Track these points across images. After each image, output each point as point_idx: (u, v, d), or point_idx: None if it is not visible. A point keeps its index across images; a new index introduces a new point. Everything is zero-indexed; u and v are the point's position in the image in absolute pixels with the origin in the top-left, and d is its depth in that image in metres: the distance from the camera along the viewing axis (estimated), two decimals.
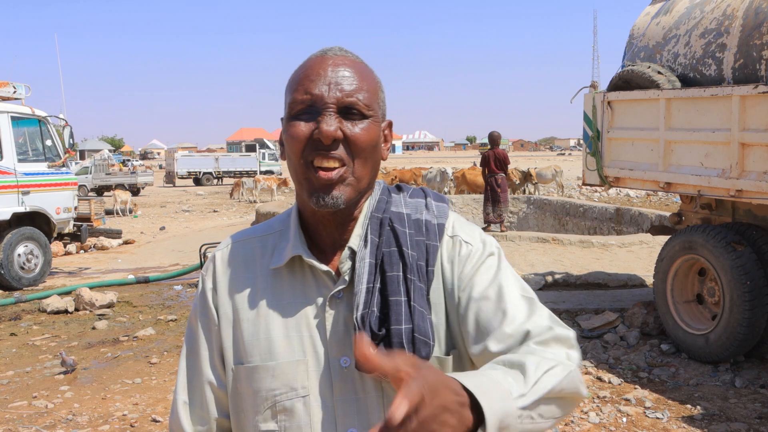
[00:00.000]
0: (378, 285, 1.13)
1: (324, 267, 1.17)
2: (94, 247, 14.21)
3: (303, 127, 1.14)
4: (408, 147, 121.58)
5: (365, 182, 1.18)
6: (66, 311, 8.33)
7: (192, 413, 1.25)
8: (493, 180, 12.24)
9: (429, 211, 1.22)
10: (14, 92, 10.48)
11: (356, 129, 1.14)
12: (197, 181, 38.69)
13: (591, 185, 7.32)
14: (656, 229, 7.38)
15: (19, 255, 9.97)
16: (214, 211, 22.93)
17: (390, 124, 1.25)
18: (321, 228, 1.21)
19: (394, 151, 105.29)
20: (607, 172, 6.75)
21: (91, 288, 9.21)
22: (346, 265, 1.17)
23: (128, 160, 54.84)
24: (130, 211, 22.30)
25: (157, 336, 7.21)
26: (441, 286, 1.17)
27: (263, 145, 50.16)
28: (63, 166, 10.81)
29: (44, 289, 9.93)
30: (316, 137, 1.12)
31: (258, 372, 1.17)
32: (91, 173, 30.98)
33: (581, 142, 7.49)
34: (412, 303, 1.11)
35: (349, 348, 1.14)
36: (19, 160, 10.07)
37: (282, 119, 1.23)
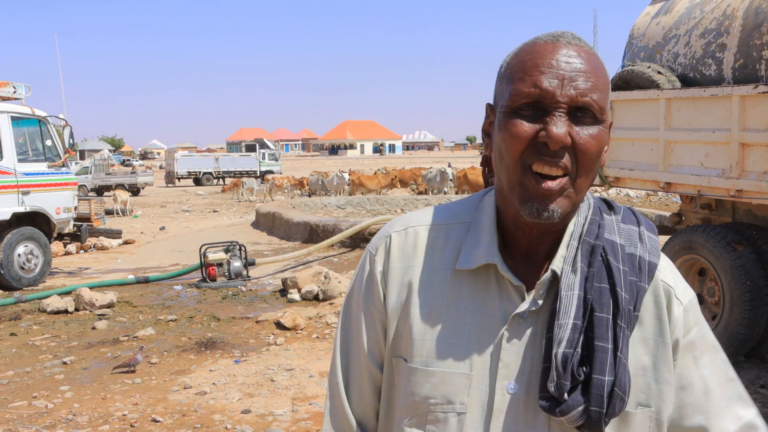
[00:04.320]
0: (584, 323, 1.01)
1: (517, 281, 1.05)
2: (94, 247, 14.21)
3: (526, 127, 0.99)
4: (408, 147, 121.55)
5: (583, 195, 1.05)
6: (66, 311, 8.33)
7: (349, 395, 1.17)
8: (494, 180, 12.24)
9: (643, 244, 1.08)
10: (14, 92, 10.49)
11: (587, 136, 0.99)
12: (197, 181, 38.70)
13: (591, 185, 7.31)
14: None
15: (19, 255, 9.97)
16: (214, 211, 22.92)
17: (611, 125, 1.07)
18: (520, 234, 1.08)
19: (393, 151, 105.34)
20: (607, 172, 6.75)
21: (91, 288, 9.21)
22: (543, 287, 1.04)
23: (128, 160, 54.96)
24: (130, 211, 22.29)
25: (157, 336, 7.22)
26: (639, 334, 1.06)
27: (263, 145, 50.13)
28: (63, 166, 10.82)
29: (44, 289, 9.93)
30: (541, 140, 0.98)
31: (416, 375, 1.07)
32: (91, 173, 30.98)
33: None
34: (618, 353, 1.00)
35: (520, 373, 1.03)
36: (19, 160, 10.09)
37: (490, 106, 1.10)
